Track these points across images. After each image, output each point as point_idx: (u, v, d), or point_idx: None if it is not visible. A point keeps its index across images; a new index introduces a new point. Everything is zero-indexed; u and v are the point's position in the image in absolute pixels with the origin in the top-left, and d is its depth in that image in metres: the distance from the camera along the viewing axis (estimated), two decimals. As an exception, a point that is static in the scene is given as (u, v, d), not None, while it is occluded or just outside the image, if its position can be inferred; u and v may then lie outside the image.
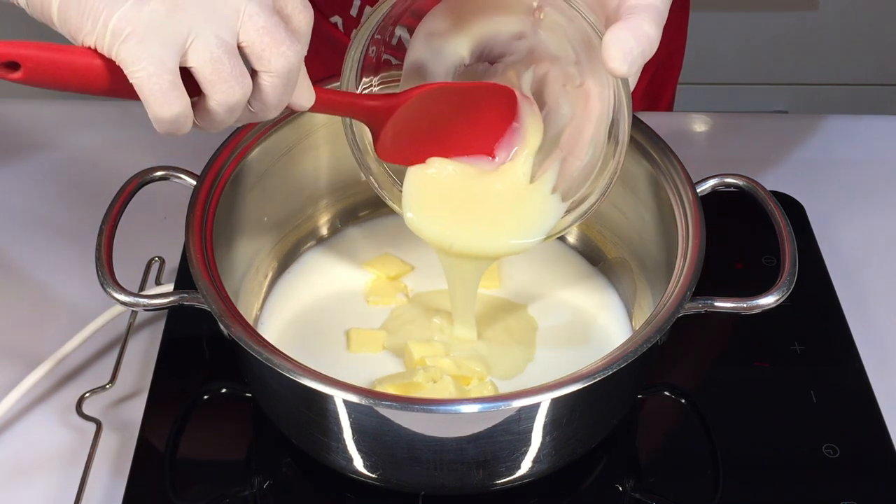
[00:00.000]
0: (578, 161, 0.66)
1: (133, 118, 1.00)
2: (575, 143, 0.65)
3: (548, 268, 0.79)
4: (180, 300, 0.63)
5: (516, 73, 0.67)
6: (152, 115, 0.51)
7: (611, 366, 0.58)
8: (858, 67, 1.80)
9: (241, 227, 0.72)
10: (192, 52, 0.50)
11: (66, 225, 0.87)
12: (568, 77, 0.65)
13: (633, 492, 0.69)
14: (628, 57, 0.55)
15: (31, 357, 0.75)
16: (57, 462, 0.71)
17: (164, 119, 0.51)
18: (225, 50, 0.51)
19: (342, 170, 0.79)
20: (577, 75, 0.64)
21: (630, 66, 0.55)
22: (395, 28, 0.65)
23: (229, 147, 0.71)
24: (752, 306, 0.63)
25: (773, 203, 0.69)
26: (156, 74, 0.49)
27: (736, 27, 1.75)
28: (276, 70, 0.52)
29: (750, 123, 1.02)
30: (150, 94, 0.50)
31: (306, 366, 0.58)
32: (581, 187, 0.66)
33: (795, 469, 0.70)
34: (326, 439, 0.63)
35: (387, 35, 0.65)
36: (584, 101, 0.64)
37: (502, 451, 0.62)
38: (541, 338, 0.74)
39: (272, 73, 0.52)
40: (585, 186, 0.66)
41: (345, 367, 0.71)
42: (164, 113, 0.51)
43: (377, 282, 0.78)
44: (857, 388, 0.74)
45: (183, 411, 0.73)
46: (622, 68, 0.55)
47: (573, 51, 0.64)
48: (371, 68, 0.66)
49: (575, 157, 0.66)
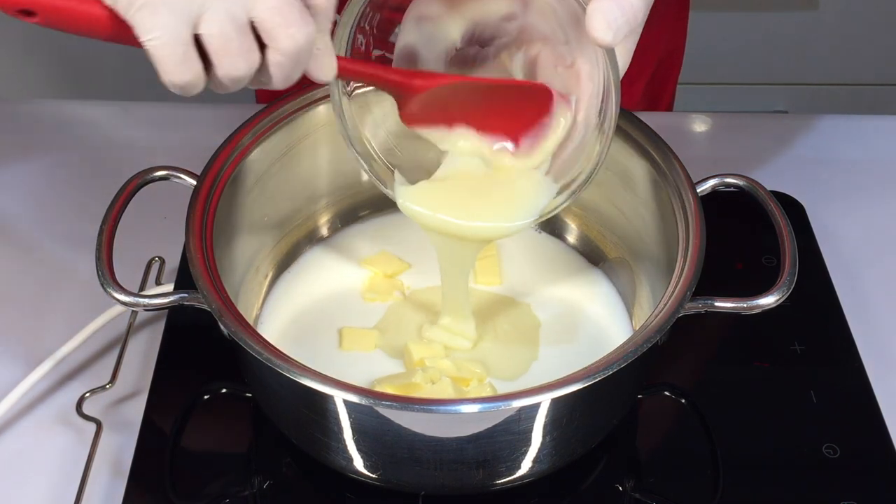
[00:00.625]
0: (570, 142, 0.65)
1: (133, 118, 1.00)
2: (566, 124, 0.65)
3: (548, 267, 0.79)
4: (180, 300, 0.63)
5: (508, 56, 0.67)
6: (164, 79, 0.52)
7: (611, 366, 0.58)
8: (858, 67, 1.80)
9: (241, 227, 0.72)
10: (203, 23, 0.51)
11: (66, 225, 0.87)
12: (559, 57, 0.65)
13: (633, 492, 0.69)
14: (612, 26, 0.55)
15: (31, 357, 0.75)
16: (57, 462, 0.71)
17: (175, 84, 0.53)
18: (234, 26, 0.52)
19: (342, 170, 0.79)
20: (568, 55, 0.64)
21: (615, 35, 0.55)
22: (380, 16, 0.65)
23: (229, 147, 0.71)
24: (753, 306, 0.63)
25: (773, 203, 0.69)
26: (168, 44, 0.51)
27: (736, 27, 1.75)
28: (283, 49, 0.53)
29: (750, 123, 1.02)
30: (161, 61, 0.51)
31: (306, 366, 0.58)
32: (572, 167, 0.66)
33: (795, 469, 0.70)
34: (326, 439, 0.63)
35: (374, 23, 0.65)
36: (576, 81, 0.64)
37: (502, 451, 0.62)
38: (542, 337, 0.74)
39: (280, 51, 0.53)
40: (576, 166, 0.66)
41: (337, 366, 0.71)
42: (176, 79, 0.52)
43: (374, 279, 0.78)
44: (857, 388, 0.74)
45: (183, 411, 0.73)
46: (607, 37, 0.55)
47: (563, 30, 0.64)
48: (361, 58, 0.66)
49: (567, 138, 0.66)
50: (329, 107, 0.74)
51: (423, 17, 0.66)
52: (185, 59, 0.51)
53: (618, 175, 0.74)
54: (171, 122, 0.99)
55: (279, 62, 0.54)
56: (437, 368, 0.68)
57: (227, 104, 0.97)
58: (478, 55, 0.68)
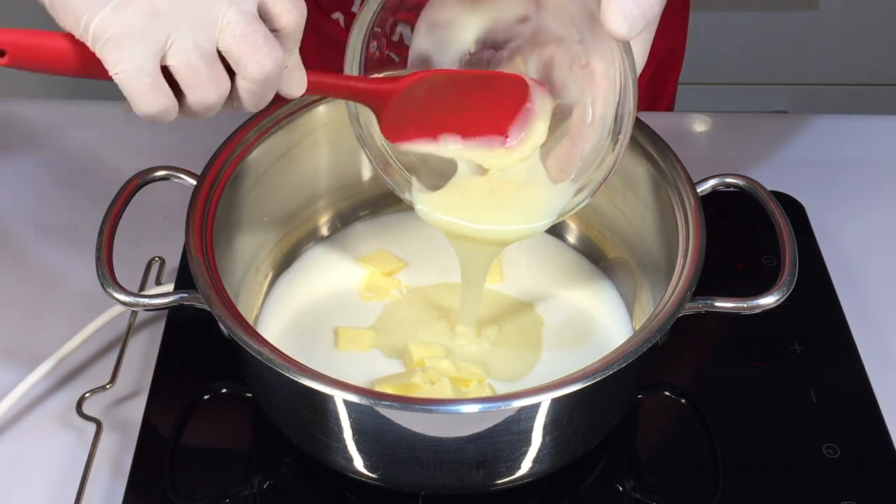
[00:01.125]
0: (587, 142, 0.65)
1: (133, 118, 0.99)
2: (582, 123, 0.65)
3: (548, 267, 0.79)
4: (180, 300, 0.63)
5: (523, 59, 0.67)
6: (136, 110, 0.53)
7: (611, 366, 0.58)
8: (858, 67, 1.80)
9: (241, 227, 0.72)
10: (171, 55, 0.52)
11: (66, 225, 0.87)
12: (574, 58, 0.64)
13: (633, 492, 0.69)
14: (628, 18, 0.54)
15: (31, 357, 0.75)
16: (57, 462, 0.71)
17: (146, 114, 0.53)
18: (201, 55, 0.52)
19: (342, 170, 0.79)
20: (583, 54, 0.63)
21: (630, 27, 0.55)
22: (395, 21, 0.65)
23: (229, 147, 0.71)
24: (753, 306, 0.63)
25: (773, 203, 0.69)
26: (135, 77, 0.51)
27: (736, 27, 1.75)
28: (251, 77, 0.53)
29: (750, 123, 1.02)
30: (131, 93, 0.52)
31: (306, 366, 0.58)
32: (590, 168, 0.65)
33: (795, 469, 0.70)
34: (326, 439, 0.63)
35: (387, 27, 0.65)
36: (591, 80, 0.63)
37: (502, 451, 0.62)
38: (544, 338, 0.74)
39: (248, 79, 0.53)
40: (594, 167, 0.65)
41: (337, 366, 0.71)
42: (146, 109, 0.53)
43: (372, 277, 0.78)
44: (857, 388, 0.74)
45: (183, 411, 0.73)
46: (622, 29, 0.55)
47: (577, 30, 0.63)
48: (375, 64, 0.66)
49: (583, 138, 0.65)
50: (329, 107, 0.74)
51: (435, 24, 0.66)
52: (153, 90, 0.52)
53: (618, 175, 0.73)
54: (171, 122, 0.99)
55: (249, 89, 0.54)
56: (436, 369, 0.68)
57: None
58: (492, 59, 0.67)
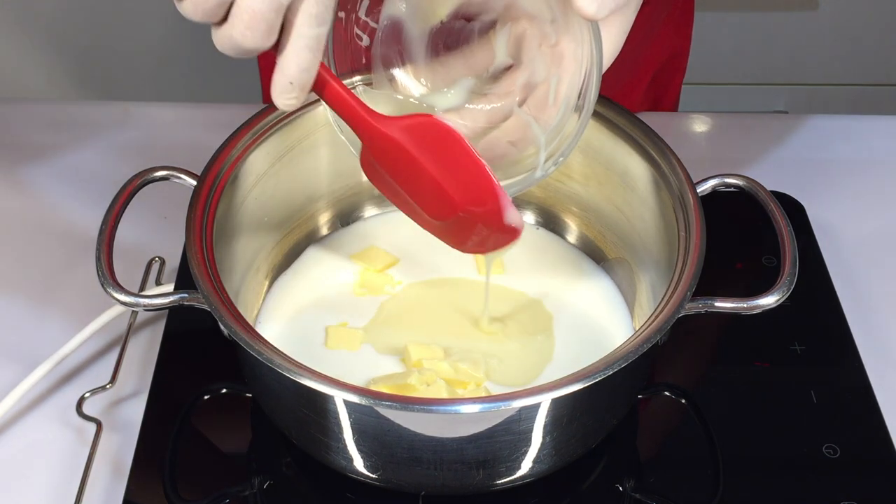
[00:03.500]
0: (548, 122, 0.65)
1: (133, 118, 1.00)
2: (545, 103, 0.65)
3: (548, 267, 0.79)
4: (180, 300, 0.63)
5: (493, 33, 0.66)
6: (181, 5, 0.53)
7: (611, 366, 0.58)
8: (858, 67, 1.80)
9: (241, 228, 0.72)
10: None
11: (66, 225, 0.87)
12: (544, 36, 0.64)
13: (633, 492, 0.69)
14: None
15: (31, 357, 0.75)
16: (57, 462, 0.71)
17: (186, 12, 0.52)
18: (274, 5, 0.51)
19: (342, 170, 0.79)
20: (553, 34, 0.63)
21: (598, 7, 0.55)
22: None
23: (229, 147, 0.71)
24: (753, 306, 0.63)
25: (773, 203, 0.69)
26: None
27: (736, 27, 1.75)
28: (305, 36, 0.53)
29: (750, 123, 1.02)
30: None
31: (306, 366, 0.58)
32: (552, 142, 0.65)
33: (795, 469, 0.70)
34: (326, 439, 0.63)
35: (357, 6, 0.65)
36: (559, 61, 0.63)
37: (502, 451, 0.62)
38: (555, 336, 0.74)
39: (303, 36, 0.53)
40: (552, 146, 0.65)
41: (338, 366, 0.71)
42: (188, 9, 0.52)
43: (365, 274, 0.78)
44: (857, 388, 0.74)
45: (183, 411, 0.73)
46: (591, 8, 0.55)
47: (549, 8, 0.63)
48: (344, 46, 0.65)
49: (546, 117, 0.65)
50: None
51: None
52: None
53: (618, 175, 0.74)
54: (171, 122, 0.99)
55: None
56: (433, 370, 0.68)
57: (227, 104, 0.98)
58: (462, 29, 0.67)
